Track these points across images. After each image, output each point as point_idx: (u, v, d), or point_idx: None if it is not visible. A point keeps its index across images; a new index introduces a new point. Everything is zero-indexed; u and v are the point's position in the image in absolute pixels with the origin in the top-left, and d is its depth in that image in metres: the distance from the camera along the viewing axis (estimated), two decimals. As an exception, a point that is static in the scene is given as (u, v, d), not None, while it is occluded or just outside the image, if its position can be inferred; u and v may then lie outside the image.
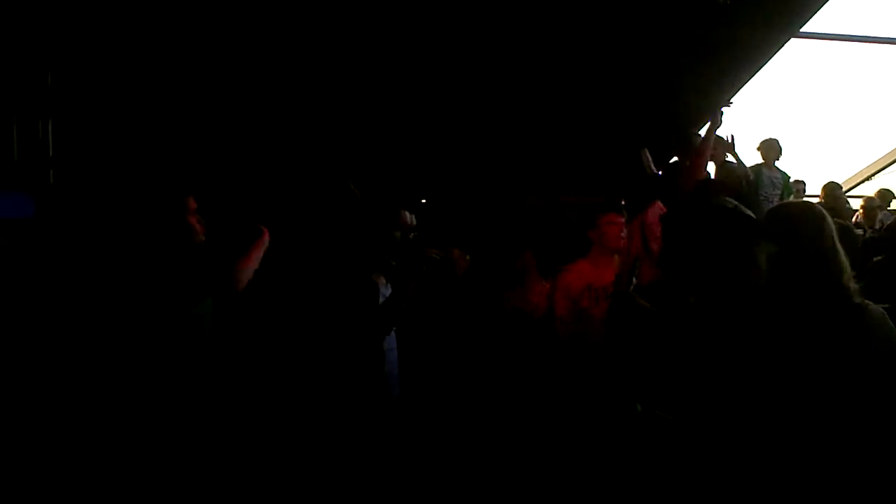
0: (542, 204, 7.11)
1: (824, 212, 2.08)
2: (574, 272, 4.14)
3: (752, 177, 6.28)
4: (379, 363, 3.19)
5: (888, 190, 7.89)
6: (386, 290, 3.44)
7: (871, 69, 8.74)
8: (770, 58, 6.73)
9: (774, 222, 2.05)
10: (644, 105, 6.72)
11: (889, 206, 7.74)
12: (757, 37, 6.31)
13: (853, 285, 1.91)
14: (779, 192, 6.92)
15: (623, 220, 4.21)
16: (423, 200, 7.47)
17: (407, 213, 4.44)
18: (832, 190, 7.09)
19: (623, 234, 4.15)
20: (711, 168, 6.66)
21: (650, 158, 5.87)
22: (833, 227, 2.03)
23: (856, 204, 7.71)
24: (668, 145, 6.37)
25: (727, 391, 1.84)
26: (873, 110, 9.50)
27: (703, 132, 5.24)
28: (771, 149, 6.84)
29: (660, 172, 5.76)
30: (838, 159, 9.12)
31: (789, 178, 7.06)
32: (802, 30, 6.46)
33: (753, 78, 6.99)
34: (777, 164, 6.91)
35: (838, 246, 1.98)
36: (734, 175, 6.47)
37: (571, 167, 7.17)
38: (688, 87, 6.80)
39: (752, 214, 2.01)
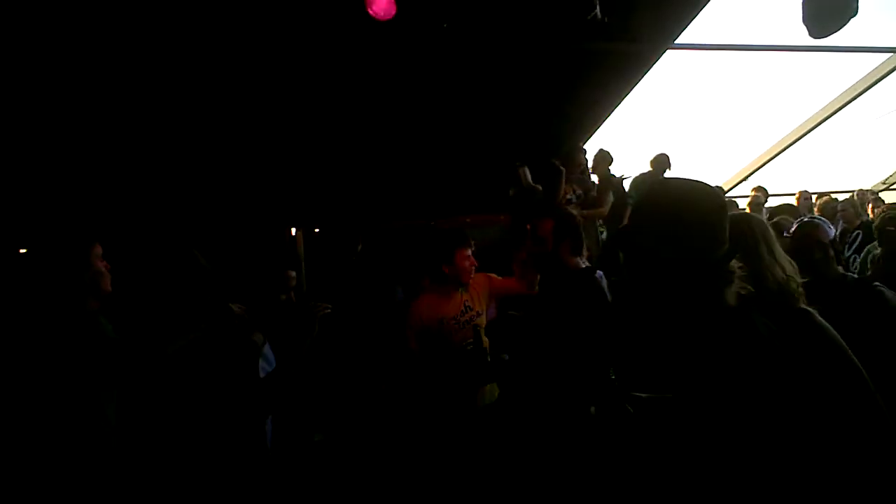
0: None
1: (758, 221, 2.12)
2: (423, 305, 4.08)
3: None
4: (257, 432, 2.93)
5: (762, 187, 8.27)
6: (265, 350, 3.20)
7: (743, 76, 9.10)
8: (648, 69, 6.82)
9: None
10: (525, 121, 6.70)
11: (766, 202, 8.09)
12: (635, 50, 6.38)
13: (798, 289, 1.95)
14: None
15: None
16: (317, 230, 7.28)
17: (293, 273, 4.33)
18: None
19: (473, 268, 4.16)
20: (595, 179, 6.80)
21: (528, 173, 5.89)
22: (770, 235, 2.07)
23: (741, 203, 8.05)
24: (548, 160, 6.39)
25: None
26: (743, 115, 9.92)
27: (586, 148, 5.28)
28: (661, 164, 7.04)
29: (539, 186, 5.80)
30: (715, 162, 9.46)
31: None
32: (677, 41, 6.57)
33: (634, 89, 7.09)
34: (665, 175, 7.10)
35: (777, 252, 2.03)
36: (615, 185, 6.62)
37: (456, 186, 7.09)
38: (568, 102, 6.85)
39: None
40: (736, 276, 1.73)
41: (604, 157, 6.93)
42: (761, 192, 8.11)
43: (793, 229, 3.28)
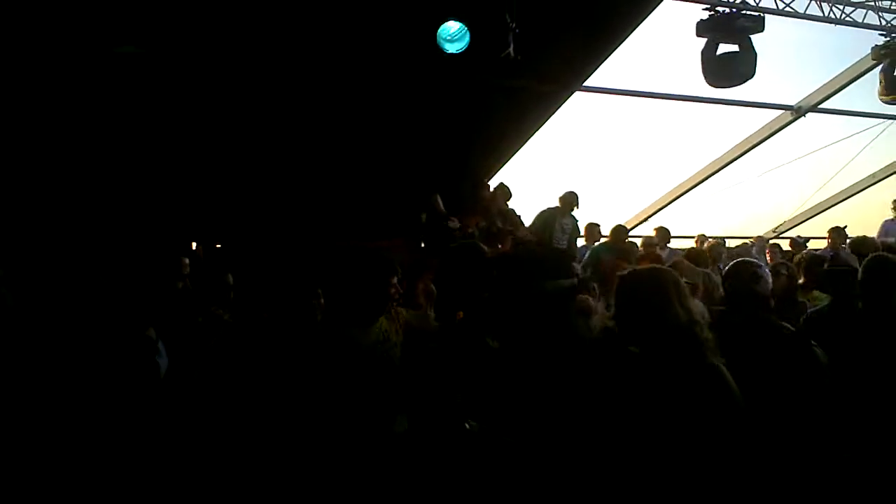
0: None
1: (668, 275, 2.18)
2: None
3: None
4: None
5: (665, 228, 8.50)
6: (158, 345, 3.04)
7: (648, 121, 9.40)
8: (557, 108, 6.95)
9: (630, 288, 2.13)
10: (436, 151, 6.70)
11: (668, 242, 8.32)
12: (545, 90, 6.49)
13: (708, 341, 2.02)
14: (567, 236, 7.22)
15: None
16: (218, 245, 7.04)
17: (186, 260, 4.09)
18: (618, 233, 7.49)
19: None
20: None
21: (440, 202, 5.91)
22: (679, 288, 2.11)
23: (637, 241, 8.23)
24: (460, 190, 6.41)
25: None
26: (646, 159, 10.25)
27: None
28: (568, 202, 7.16)
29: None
30: (618, 202, 9.71)
31: (577, 224, 7.37)
32: (585, 84, 6.73)
33: (542, 127, 7.20)
34: (573, 213, 7.22)
35: (688, 305, 2.08)
36: (512, 218, 6.70)
37: (373, 212, 7.01)
38: (478, 135, 6.90)
39: None
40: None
41: (503, 192, 7.00)
42: (661, 233, 8.33)
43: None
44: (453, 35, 5.22)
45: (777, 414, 2.37)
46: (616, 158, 9.91)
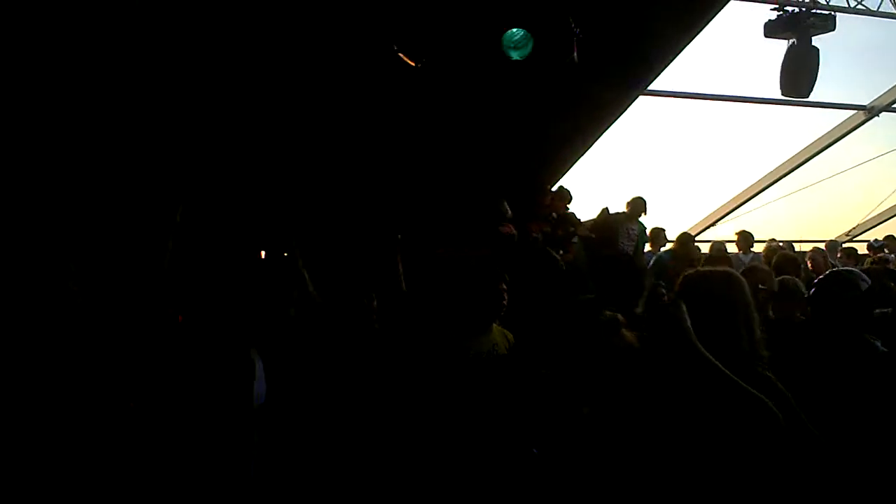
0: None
1: (737, 279, 2.10)
2: None
3: None
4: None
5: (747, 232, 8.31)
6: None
7: (710, 124, 9.26)
8: (621, 113, 6.91)
9: (697, 291, 2.06)
10: (506, 159, 6.72)
11: (751, 246, 8.16)
12: (608, 95, 6.46)
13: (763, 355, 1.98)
14: (633, 243, 7.16)
15: None
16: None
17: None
18: (685, 240, 7.39)
19: None
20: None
21: (508, 209, 5.92)
22: (744, 294, 2.04)
23: (704, 248, 8.08)
24: (526, 196, 6.41)
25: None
26: (712, 162, 10.08)
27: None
28: (637, 206, 7.13)
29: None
30: (684, 206, 9.57)
31: (645, 228, 7.30)
32: (650, 88, 6.68)
33: (606, 131, 7.17)
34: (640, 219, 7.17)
35: (751, 314, 2.02)
36: (573, 220, 6.67)
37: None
38: (544, 141, 6.89)
39: None
40: None
41: (562, 195, 6.98)
42: (743, 237, 8.17)
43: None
44: (517, 41, 5.25)
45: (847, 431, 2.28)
46: (681, 163, 9.78)
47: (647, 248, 7.75)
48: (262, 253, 5.46)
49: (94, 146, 5.44)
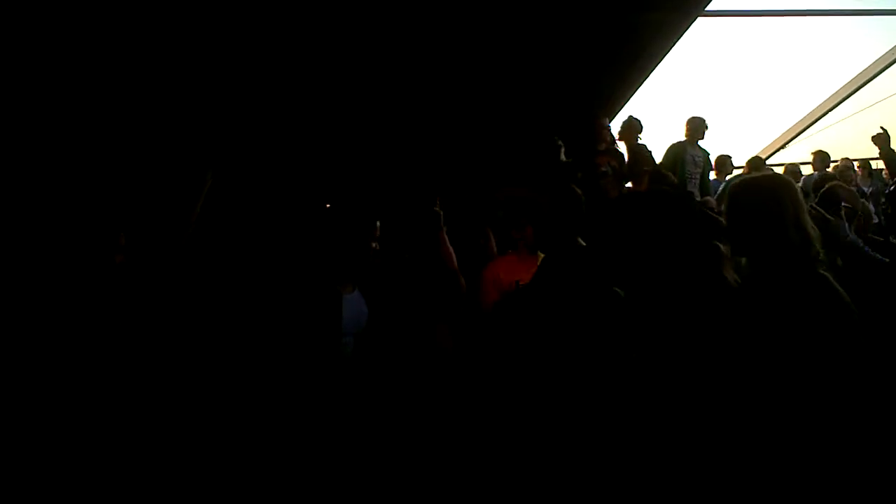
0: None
1: (785, 186, 2.11)
2: (503, 265, 4.07)
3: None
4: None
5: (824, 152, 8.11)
6: (353, 298, 3.26)
7: (772, 43, 8.91)
8: (679, 37, 6.72)
9: (744, 195, 2.10)
10: (561, 93, 6.65)
11: (828, 166, 7.96)
12: (664, 18, 6.28)
13: (819, 255, 1.99)
14: (700, 170, 7.01)
15: None
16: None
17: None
18: (756, 164, 7.23)
19: None
20: (623, 149, 6.74)
21: (563, 147, 5.86)
22: (798, 200, 2.07)
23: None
24: (585, 133, 6.33)
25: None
26: (776, 82, 9.71)
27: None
28: (697, 128, 6.96)
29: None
30: (748, 131, 9.30)
31: (709, 155, 7.15)
32: (707, 8, 6.45)
33: (665, 58, 6.99)
34: (700, 142, 7.00)
35: (803, 218, 2.04)
36: (644, 155, 6.53)
37: (492, 159, 7.06)
38: (602, 71, 6.78)
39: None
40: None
41: (632, 126, 6.85)
42: (820, 157, 7.95)
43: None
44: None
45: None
46: (747, 85, 9.48)
47: (713, 175, 7.59)
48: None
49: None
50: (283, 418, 2.85)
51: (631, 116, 6.93)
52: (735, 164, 7.90)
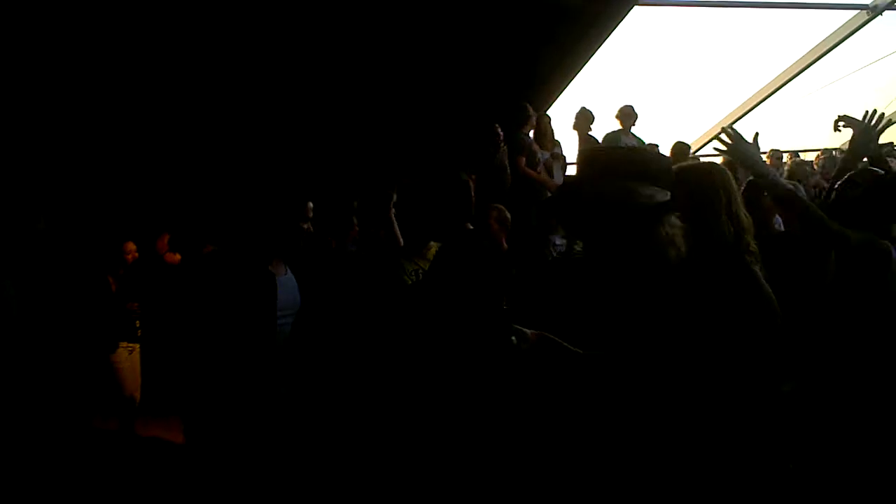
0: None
1: (719, 174, 2.07)
2: None
3: None
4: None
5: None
6: (285, 279, 3.15)
7: (710, 33, 8.99)
8: (615, 26, 6.67)
9: (681, 184, 1.98)
10: (498, 80, 6.55)
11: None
12: (601, 7, 6.22)
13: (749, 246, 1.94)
14: None
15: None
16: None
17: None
18: (680, 150, 7.23)
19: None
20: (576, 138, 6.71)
21: (501, 132, 5.82)
22: (731, 188, 2.03)
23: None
24: (519, 118, 6.26)
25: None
26: (712, 73, 9.83)
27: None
28: (628, 116, 6.93)
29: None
30: (684, 121, 9.37)
31: (644, 143, 7.12)
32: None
33: (601, 47, 6.94)
34: (633, 130, 6.98)
35: (736, 206, 2.01)
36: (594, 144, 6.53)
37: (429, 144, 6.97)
38: (537, 60, 6.70)
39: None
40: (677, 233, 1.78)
41: (584, 116, 6.82)
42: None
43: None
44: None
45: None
46: (680, 76, 9.53)
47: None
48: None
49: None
50: (227, 401, 2.77)
51: (583, 107, 6.90)
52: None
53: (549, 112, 7.16)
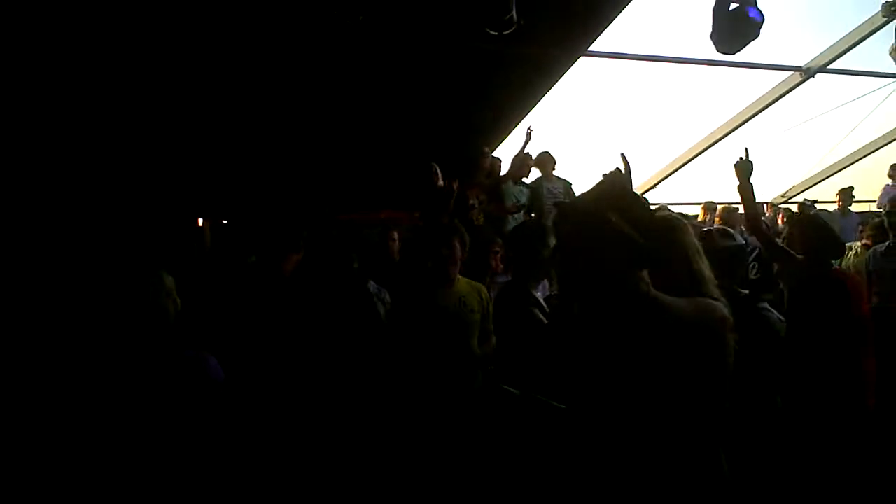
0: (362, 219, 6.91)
1: (682, 226, 2.13)
2: None
3: None
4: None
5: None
6: None
7: (652, 86, 9.24)
8: (561, 75, 6.81)
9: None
10: (437, 121, 6.59)
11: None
12: (549, 56, 6.34)
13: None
14: (560, 200, 6.97)
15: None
16: (224, 221, 7.07)
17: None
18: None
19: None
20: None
21: (440, 172, 5.82)
22: (691, 241, 2.09)
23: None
24: (460, 160, 6.28)
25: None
26: (653, 124, 10.10)
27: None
28: (545, 162, 6.92)
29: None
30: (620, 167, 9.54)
31: (571, 184, 7.12)
32: (590, 49, 6.57)
33: (546, 94, 7.05)
34: (555, 173, 6.99)
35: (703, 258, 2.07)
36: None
37: (370, 184, 6.96)
38: (485, 103, 6.76)
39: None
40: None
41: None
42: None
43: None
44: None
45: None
46: (622, 125, 9.75)
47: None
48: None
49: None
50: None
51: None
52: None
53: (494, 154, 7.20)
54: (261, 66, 5.52)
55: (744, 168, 3.72)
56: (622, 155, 2.13)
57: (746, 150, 3.75)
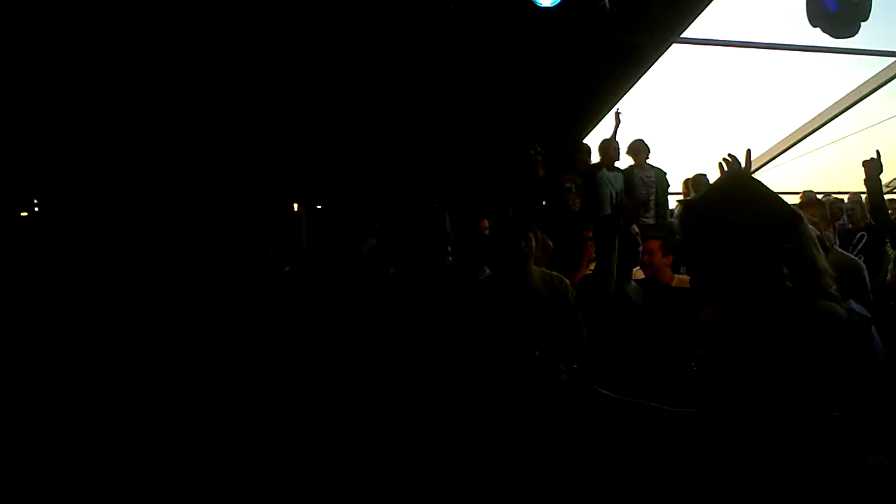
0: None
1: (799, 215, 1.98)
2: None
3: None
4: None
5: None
6: None
7: (750, 72, 9.12)
8: (653, 63, 6.87)
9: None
10: (530, 111, 6.74)
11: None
12: (640, 43, 6.42)
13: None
14: (652, 190, 6.92)
15: None
16: (319, 206, 7.33)
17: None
18: (699, 182, 7.23)
19: None
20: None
21: (540, 161, 5.90)
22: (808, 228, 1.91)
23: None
24: (559, 149, 6.40)
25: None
26: (751, 110, 9.90)
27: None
28: (639, 150, 6.83)
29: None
30: (716, 158, 9.42)
31: (665, 173, 7.05)
32: (683, 35, 6.60)
33: (639, 81, 7.12)
34: (650, 162, 6.95)
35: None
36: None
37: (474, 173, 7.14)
38: (574, 93, 6.88)
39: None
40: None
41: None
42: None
43: None
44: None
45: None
46: (717, 113, 9.65)
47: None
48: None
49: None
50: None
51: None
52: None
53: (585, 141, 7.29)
54: (370, 55, 5.82)
55: (873, 166, 4.08)
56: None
57: (878, 151, 4.07)
